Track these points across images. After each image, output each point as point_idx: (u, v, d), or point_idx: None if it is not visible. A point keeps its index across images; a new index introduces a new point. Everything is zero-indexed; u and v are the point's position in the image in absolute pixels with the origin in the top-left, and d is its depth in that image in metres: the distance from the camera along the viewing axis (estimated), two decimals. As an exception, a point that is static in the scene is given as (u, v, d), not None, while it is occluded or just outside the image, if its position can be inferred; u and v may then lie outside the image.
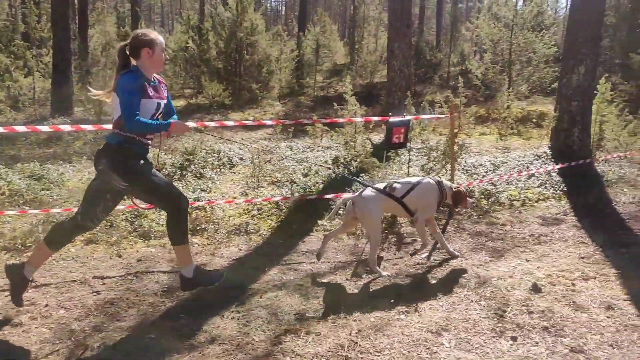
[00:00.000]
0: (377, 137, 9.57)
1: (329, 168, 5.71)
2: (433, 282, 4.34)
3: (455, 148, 6.86)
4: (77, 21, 17.05)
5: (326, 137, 8.72)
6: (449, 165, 6.62)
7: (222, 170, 7.81)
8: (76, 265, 4.61)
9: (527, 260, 4.76)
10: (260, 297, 3.98)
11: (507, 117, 10.46)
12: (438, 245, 5.02)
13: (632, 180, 7.41)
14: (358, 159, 7.30)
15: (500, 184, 6.97)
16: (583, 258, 4.83)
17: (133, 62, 3.61)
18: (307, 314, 3.71)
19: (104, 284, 4.24)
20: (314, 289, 4.16)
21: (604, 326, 3.51)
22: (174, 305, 3.86)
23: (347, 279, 4.39)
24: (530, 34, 16.09)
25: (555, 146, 8.72)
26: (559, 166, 7.49)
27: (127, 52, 3.60)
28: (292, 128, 10.07)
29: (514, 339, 3.35)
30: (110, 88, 3.61)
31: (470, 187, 6.61)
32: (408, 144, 6.38)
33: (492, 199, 6.51)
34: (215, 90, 14.44)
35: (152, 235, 5.31)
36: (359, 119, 7.09)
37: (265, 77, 16.69)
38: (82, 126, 5.62)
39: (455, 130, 7.51)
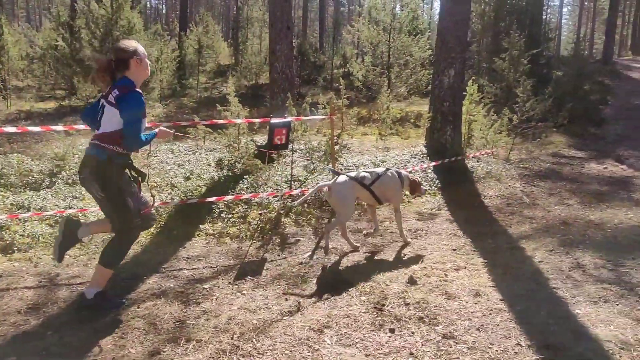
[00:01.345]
0: (262, 139, 9.54)
1: (332, 170, 5.57)
2: (316, 280, 4.39)
3: (337, 148, 7.01)
4: None
5: (209, 139, 8.54)
6: (331, 165, 6.74)
7: (96, 176, 7.36)
8: None
9: (404, 255, 4.97)
10: (138, 307, 3.80)
11: (387, 117, 10.87)
12: (321, 244, 5.11)
13: (497, 176, 8.00)
14: (242, 161, 7.23)
15: (380, 182, 7.21)
16: (455, 250, 5.14)
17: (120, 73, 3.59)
18: (187, 321, 3.60)
19: (-43, 304, 3.83)
20: (195, 296, 4.05)
21: (472, 312, 3.74)
22: (40, 323, 3.58)
23: (229, 283, 4.31)
24: (407, 38, 16.91)
25: (430, 145, 9.20)
26: (433, 163, 7.90)
27: (114, 66, 3.57)
28: (174, 130, 9.72)
29: (392, 330, 3.47)
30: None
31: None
32: (290, 145, 6.43)
33: (373, 197, 6.72)
34: (89, 92, 13.61)
35: (16, 249, 4.88)
36: (239, 121, 7.01)
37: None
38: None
39: (339, 131, 7.70)
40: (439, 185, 7.46)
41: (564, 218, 6.16)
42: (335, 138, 6.85)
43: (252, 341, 3.30)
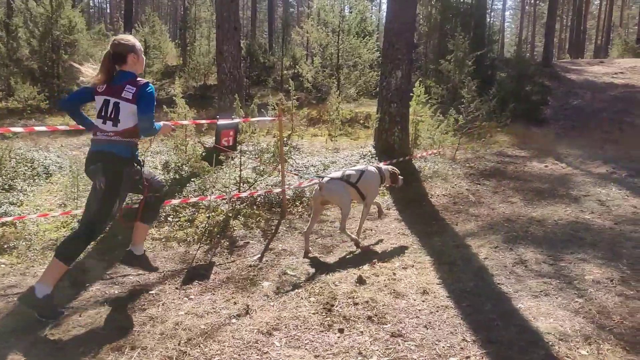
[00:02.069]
0: (211, 141, 9.42)
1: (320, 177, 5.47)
2: (265, 282, 4.36)
3: (286, 149, 6.99)
4: None
5: (156, 141, 8.36)
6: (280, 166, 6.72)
7: (36, 180, 7.10)
8: None
9: (354, 254, 5.01)
10: (80, 316, 3.67)
11: (336, 118, 10.93)
12: (271, 246, 5.09)
13: (443, 175, 8.18)
14: (189, 163, 7.10)
15: (330, 182, 7.24)
16: (403, 248, 5.20)
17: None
18: (132, 329, 3.50)
19: None
20: (141, 302, 3.95)
21: (419, 310, 3.80)
22: (-28, 336, 3.40)
23: (176, 288, 4.23)
24: (356, 40, 17.05)
25: (379, 145, 9.31)
26: (382, 164, 7.98)
27: (111, 59, 3.68)
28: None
29: (341, 331, 3.48)
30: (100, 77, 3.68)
31: (300, 188, 6.78)
32: (239, 147, 6.37)
33: (322, 198, 6.74)
34: (28, 93, 13.12)
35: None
36: (185, 122, 6.89)
37: (87, 79, 15.52)
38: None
39: (288, 132, 7.68)
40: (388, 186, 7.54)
41: (507, 215, 6.34)
42: (284, 139, 6.83)
43: (199, 346, 3.25)
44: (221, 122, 5.55)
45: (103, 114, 3.65)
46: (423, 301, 3.95)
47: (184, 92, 8.79)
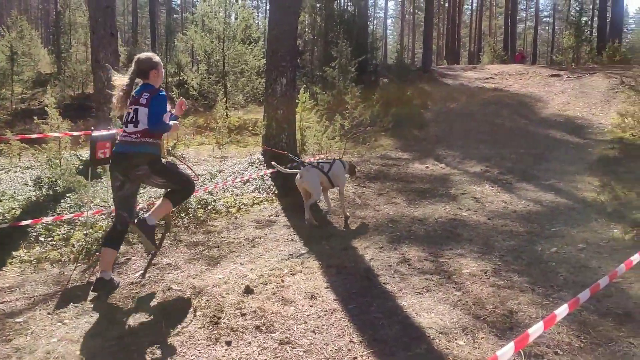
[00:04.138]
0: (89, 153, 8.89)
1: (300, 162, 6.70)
2: (148, 300, 4.15)
3: (170, 159, 6.75)
4: None
5: (26, 155, 7.74)
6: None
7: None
8: None
9: (242, 264, 4.93)
10: None
11: (223, 126, 10.77)
12: (154, 261, 4.87)
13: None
14: (63, 178, 6.62)
15: (217, 192, 7.11)
16: (292, 255, 5.21)
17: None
18: (-5, 363, 3.19)
19: None
20: (6, 332, 3.59)
21: (307, 315, 3.81)
22: None
23: (49, 313, 3.90)
24: (242, 47, 16.95)
25: (267, 152, 9.28)
26: (270, 171, 7.96)
27: (136, 74, 4.33)
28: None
29: (228, 343, 3.40)
30: (121, 104, 4.32)
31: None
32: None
33: (209, 208, 6.59)
34: None
35: None
36: (57, 134, 6.44)
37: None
38: None
39: (174, 142, 7.44)
40: (276, 192, 7.55)
41: (392, 216, 6.57)
42: (169, 149, 6.62)
43: (73, 375, 3.02)
44: (96, 133, 5.21)
45: (126, 120, 4.30)
46: (311, 306, 3.96)
47: (60, 102, 8.22)
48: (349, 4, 25.48)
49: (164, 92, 4.32)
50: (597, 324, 3.60)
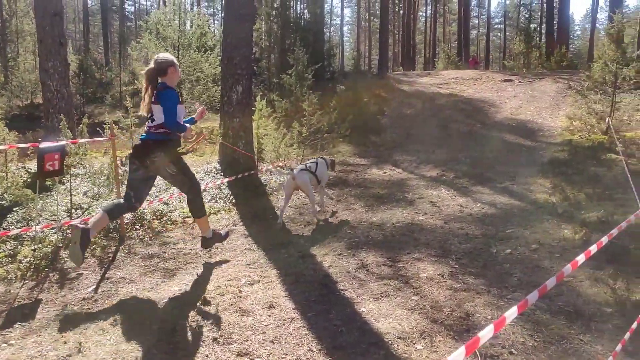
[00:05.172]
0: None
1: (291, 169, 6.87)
2: (101, 315, 4.02)
3: (120, 171, 6.61)
4: None
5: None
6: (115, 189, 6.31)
7: None
8: None
9: (199, 275, 4.84)
10: None
11: (179, 135, 10.59)
12: (107, 274, 4.74)
13: (289, 186, 8.28)
14: (9, 191, 6.37)
15: (173, 202, 6.98)
16: (249, 264, 5.15)
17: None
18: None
19: None
20: (-51, 355, 3.43)
21: (266, 325, 3.76)
22: None
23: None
24: (197, 54, 16.77)
25: (224, 160, 9.19)
26: (227, 179, 7.88)
27: (155, 73, 4.72)
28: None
29: (185, 357, 3.32)
30: (146, 102, 4.72)
31: (140, 210, 6.42)
32: (74, 170, 5.88)
33: (165, 219, 6.47)
34: None
35: None
36: (2, 147, 6.19)
37: None
38: None
39: (129, 151, 7.23)
40: (234, 201, 7.47)
41: (350, 222, 6.58)
42: (124, 159, 6.45)
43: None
44: (43, 145, 5.03)
45: (148, 115, 4.74)
46: (269, 316, 3.92)
47: (8, 112, 7.93)
48: (305, 11, 25.59)
49: (172, 89, 4.72)
50: (550, 323, 3.69)
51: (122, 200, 4.85)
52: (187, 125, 4.80)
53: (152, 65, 4.74)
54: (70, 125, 8.16)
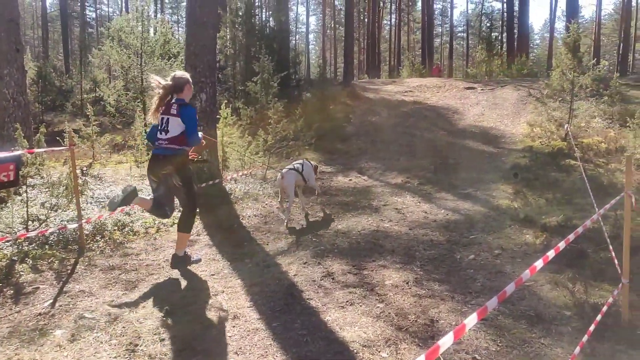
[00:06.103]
0: (-5, 175, 8.31)
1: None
2: (58, 330, 3.89)
3: (86, 179, 6.45)
4: None
5: None
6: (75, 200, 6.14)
7: None
8: None
9: (162, 287, 4.75)
10: None
11: (142, 144, 10.44)
12: (66, 288, 4.60)
13: (255, 195, 8.23)
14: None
15: (135, 212, 6.84)
16: (213, 275, 5.08)
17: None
18: None
19: None
20: None
21: (230, 336, 3.71)
22: None
23: (-56, 353, 3.58)
24: (161, 62, 16.54)
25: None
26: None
27: (172, 90, 4.95)
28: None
29: (146, 372, 3.24)
30: (155, 112, 4.97)
31: (101, 220, 6.28)
32: (30, 181, 5.70)
33: (127, 229, 6.33)
34: None
35: None
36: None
37: None
38: None
39: (90, 161, 7.10)
40: (197, 210, 7.34)
41: (315, 230, 6.56)
42: (85, 169, 6.30)
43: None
44: (-2, 154, 4.86)
45: (160, 127, 4.92)
46: (234, 327, 3.87)
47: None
48: (270, 19, 25.57)
49: (193, 107, 5.01)
50: (512, 327, 3.73)
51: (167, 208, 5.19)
52: (199, 138, 5.03)
53: (169, 82, 4.96)
54: (27, 134, 7.93)
